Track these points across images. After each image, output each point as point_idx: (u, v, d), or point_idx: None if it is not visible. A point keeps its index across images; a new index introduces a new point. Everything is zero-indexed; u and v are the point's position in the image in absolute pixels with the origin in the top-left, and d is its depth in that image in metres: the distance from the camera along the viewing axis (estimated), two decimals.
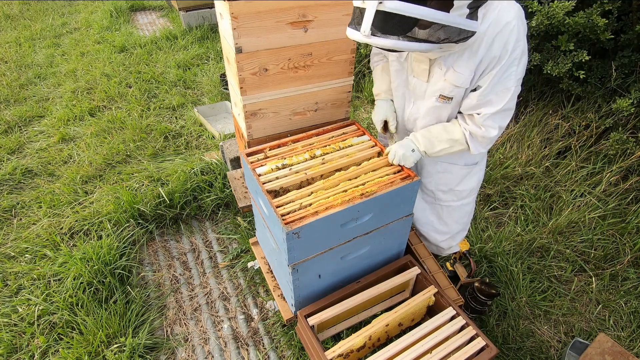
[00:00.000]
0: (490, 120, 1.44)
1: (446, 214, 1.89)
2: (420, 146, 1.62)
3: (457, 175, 1.76)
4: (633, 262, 2.40)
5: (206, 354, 2.02)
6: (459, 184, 1.78)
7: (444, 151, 1.60)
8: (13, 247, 2.50)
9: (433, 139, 1.59)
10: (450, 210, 1.88)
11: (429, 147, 1.60)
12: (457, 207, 1.86)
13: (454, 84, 1.43)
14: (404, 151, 1.64)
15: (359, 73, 4.18)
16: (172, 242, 2.63)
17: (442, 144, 1.58)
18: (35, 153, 3.33)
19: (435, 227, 1.97)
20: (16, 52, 5.15)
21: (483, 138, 1.49)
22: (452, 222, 1.92)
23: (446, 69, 1.42)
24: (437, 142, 1.58)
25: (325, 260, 1.69)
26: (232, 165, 2.73)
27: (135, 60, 4.80)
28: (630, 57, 2.62)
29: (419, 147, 1.62)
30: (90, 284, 2.19)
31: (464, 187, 1.79)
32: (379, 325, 1.70)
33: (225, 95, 4.12)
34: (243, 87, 1.75)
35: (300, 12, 1.65)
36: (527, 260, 2.42)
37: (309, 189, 1.62)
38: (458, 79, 1.41)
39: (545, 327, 2.13)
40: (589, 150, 2.87)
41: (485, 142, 1.51)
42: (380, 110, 1.79)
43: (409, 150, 1.64)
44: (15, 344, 2.02)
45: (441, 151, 1.60)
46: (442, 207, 1.87)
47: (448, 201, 1.85)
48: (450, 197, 1.82)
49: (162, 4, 6.97)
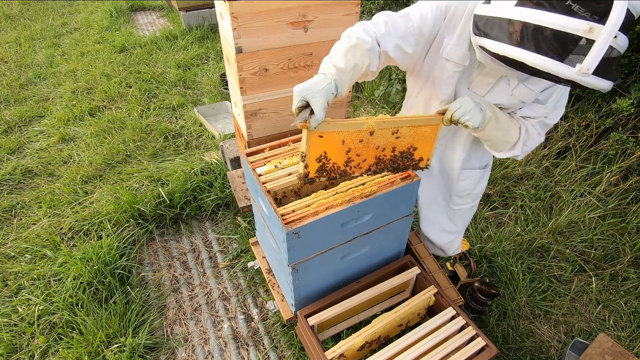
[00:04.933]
0: (541, 128, 1.47)
1: (458, 215, 1.92)
2: (488, 109, 1.35)
3: (476, 178, 1.79)
4: (633, 262, 2.40)
5: (206, 354, 2.02)
6: (476, 187, 1.81)
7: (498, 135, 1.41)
8: (13, 247, 2.50)
9: (496, 110, 1.39)
10: (462, 212, 1.91)
11: (494, 115, 1.37)
12: (468, 208, 1.90)
13: (521, 100, 1.39)
14: (473, 104, 1.32)
15: None
16: (172, 242, 2.63)
17: (504, 124, 1.41)
18: (35, 153, 3.33)
19: (444, 227, 1.98)
20: (16, 52, 5.15)
21: (533, 140, 1.48)
22: (460, 223, 1.96)
23: (516, 84, 1.37)
24: (501, 116, 1.39)
25: (325, 260, 1.69)
26: (232, 165, 2.73)
27: (135, 60, 4.80)
28: (630, 57, 2.62)
29: (486, 109, 1.35)
30: (90, 284, 2.19)
31: (479, 189, 1.83)
32: (379, 325, 1.70)
33: (225, 95, 4.12)
34: (243, 87, 1.75)
35: (300, 12, 1.65)
36: (527, 260, 2.42)
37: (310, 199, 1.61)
38: (527, 95, 1.38)
39: (545, 327, 2.13)
40: (589, 150, 2.87)
41: (531, 144, 1.49)
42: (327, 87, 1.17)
43: (477, 105, 1.33)
44: (15, 344, 2.01)
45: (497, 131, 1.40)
46: (454, 210, 1.90)
47: (462, 204, 1.87)
48: (466, 200, 1.85)
49: (162, 4, 6.97)
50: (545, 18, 0.96)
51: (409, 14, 1.34)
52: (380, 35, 1.32)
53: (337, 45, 1.30)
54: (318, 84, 1.17)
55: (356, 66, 1.26)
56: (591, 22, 0.91)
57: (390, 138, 1.40)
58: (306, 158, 1.28)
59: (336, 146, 1.32)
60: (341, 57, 1.24)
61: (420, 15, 1.33)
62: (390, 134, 1.39)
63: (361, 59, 1.27)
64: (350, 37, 1.30)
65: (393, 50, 1.34)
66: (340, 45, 1.29)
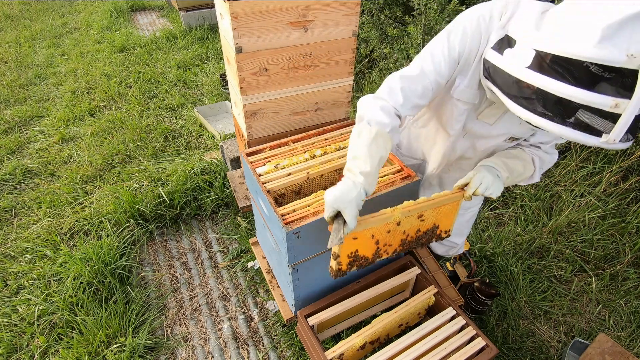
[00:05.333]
0: (553, 148, 1.49)
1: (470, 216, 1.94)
2: (503, 172, 1.39)
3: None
4: (633, 262, 2.39)
5: (206, 354, 2.02)
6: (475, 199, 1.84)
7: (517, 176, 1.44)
8: (13, 247, 2.50)
9: (509, 163, 1.42)
10: (474, 213, 1.94)
11: (509, 171, 1.41)
12: (477, 210, 1.93)
13: (532, 128, 1.38)
14: (492, 177, 1.36)
15: (359, 73, 4.18)
16: (172, 242, 2.63)
17: (518, 168, 1.43)
18: (35, 153, 3.33)
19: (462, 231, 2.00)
20: (16, 52, 5.15)
21: (549, 164, 1.50)
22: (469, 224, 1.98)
23: None
24: (514, 166, 1.43)
25: (325, 260, 1.69)
26: (232, 165, 2.73)
27: (135, 60, 4.80)
28: None
29: (502, 172, 1.39)
30: (90, 284, 2.19)
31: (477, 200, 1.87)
32: (379, 325, 1.70)
33: (225, 95, 4.12)
34: (243, 87, 1.75)
35: (300, 12, 1.65)
36: (527, 260, 2.42)
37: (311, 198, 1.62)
38: None
39: (545, 327, 2.13)
40: (589, 150, 2.87)
41: (547, 166, 1.52)
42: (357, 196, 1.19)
43: (495, 175, 1.37)
44: (15, 344, 2.01)
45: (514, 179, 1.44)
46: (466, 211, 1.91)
47: (474, 206, 1.90)
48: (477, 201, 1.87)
49: (162, 4, 6.97)
50: (569, 92, 0.92)
51: (423, 69, 1.29)
52: (399, 105, 1.30)
53: (358, 139, 1.26)
54: (349, 193, 1.18)
55: (382, 158, 1.25)
56: (618, 99, 0.88)
57: (415, 222, 1.45)
58: (339, 257, 1.32)
59: (366, 241, 1.38)
60: (365, 156, 1.22)
61: (434, 69, 1.28)
62: (416, 219, 1.44)
63: (385, 147, 1.26)
64: (370, 123, 1.26)
65: (411, 110, 1.34)
66: (361, 139, 1.24)
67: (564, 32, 0.93)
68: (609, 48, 0.85)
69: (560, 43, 0.93)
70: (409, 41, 3.18)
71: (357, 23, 1.79)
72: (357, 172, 1.22)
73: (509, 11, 1.16)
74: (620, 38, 0.85)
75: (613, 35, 0.85)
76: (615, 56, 0.85)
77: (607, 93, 0.88)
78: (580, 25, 0.90)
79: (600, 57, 0.86)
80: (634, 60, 0.84)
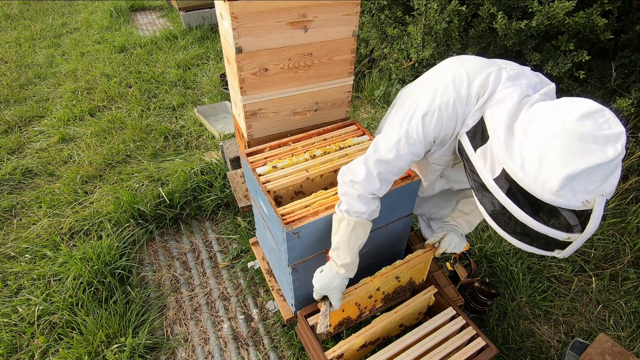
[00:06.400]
0: None
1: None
2: (466, 229, 1.69)
3: None
4: (633, 262, 2.39)
5: (206, 354, 2.02)
6: None
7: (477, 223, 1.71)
8: (13, 247, 2.50)
9: (471, 219, 1.68)
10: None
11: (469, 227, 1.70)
12: None
13: None
14: (459, 238, 1.66)
15: (359, 73, 4.18)
16: (172, 242, 2.63)
17: (479, 219, 1.69)
18: (35, 153, 3.33)
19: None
20: (16, 52, 5.14)
21: None
22: None
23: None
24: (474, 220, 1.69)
25: (325, 260, 1.69)
26: (232, 165, 2.73)
27: (135, 60, 4.80)
28: (630, 57, 2.62)
29: (465, 230, 1.69)
30: (90, 284, 2.19)
31: None
32: (379, 325, 1.70)
33: (225, 95, 4.12)
34: (243, 87, 1.75)
35: (300, 12, 1.65)
36: (527, 260, 2.42)
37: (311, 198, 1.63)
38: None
39: (545, 327, 2.13)
40: None
41: None
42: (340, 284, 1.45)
43: (460, 235, 1.67)
44: (15, 344, 2.01)
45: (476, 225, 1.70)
46: None
47: None
48: None
49: (162, 4, 6.97)
50: (527, 220, 1.03)
51: (399, 151, 1.30)
52: (376, 190, 1.37)
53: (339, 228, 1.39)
54: (333, 281, 1.43)
55: (361, 243, 1.41)
56: (571, 234, 0.99)
57: (393, 283, 1.73)
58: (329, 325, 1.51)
59: (351, 307, 1.68)
60: (346, 249, 1.39)
61: (409, 151, 1.31)
62: (393, 279, 1.71)
63: (364, 233, 1.40)
64: (349, 213, 1.37)
65: (388, 186, 1.42)
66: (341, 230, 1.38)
67: (528, 167, 0.99)
68: (567, 195, 0.93)
69: (524, 180, 1.00)
70: (409, 41, 3.18)
71: (357, 23, 1.79)
72: (339, 264, 1.41)
73: (488, 91, 1.18)
74: (578, 187, 0.92)
75: (571, 182, 0.92)
76: (571, 203, 0.94)
77: (561, 229, 1.00)
78: (543, 168, 0.96)
79: (559, 204, 0.95)
80: (588, 204, 0.93)
